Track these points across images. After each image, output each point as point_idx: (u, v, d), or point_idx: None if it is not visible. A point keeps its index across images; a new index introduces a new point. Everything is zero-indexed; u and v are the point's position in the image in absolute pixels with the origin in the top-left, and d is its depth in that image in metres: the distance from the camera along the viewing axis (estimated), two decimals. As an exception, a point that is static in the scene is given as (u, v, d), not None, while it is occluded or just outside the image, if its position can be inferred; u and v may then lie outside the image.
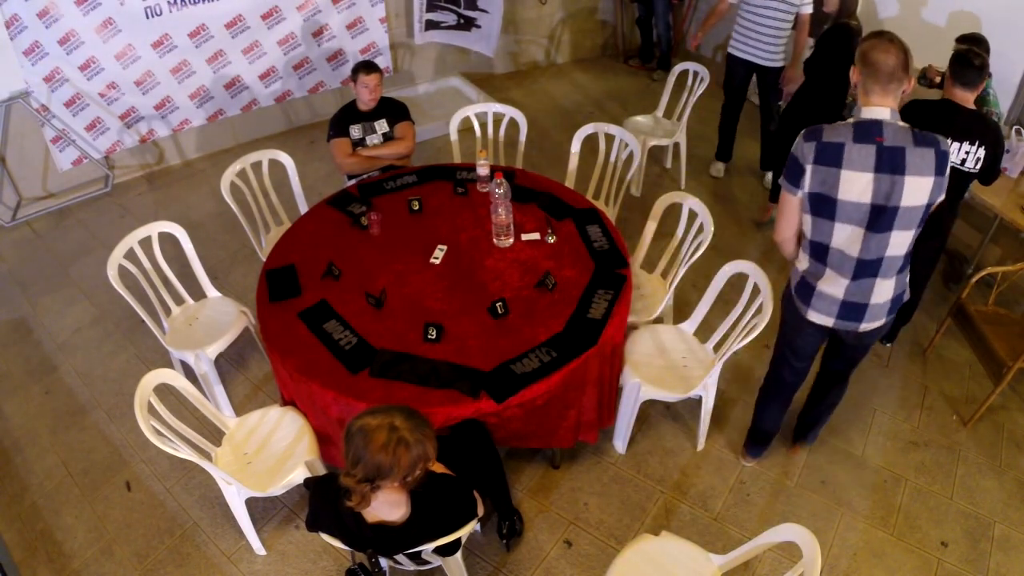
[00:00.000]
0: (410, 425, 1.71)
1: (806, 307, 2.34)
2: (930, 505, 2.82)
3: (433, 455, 1.76)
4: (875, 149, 2.01)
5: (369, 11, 5.00)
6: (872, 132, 2.02)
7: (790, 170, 2.14)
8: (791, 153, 2.14)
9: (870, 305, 2.25)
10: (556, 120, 5.49)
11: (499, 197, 2.82)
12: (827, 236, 2.16)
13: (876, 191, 2.03)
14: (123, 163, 4.80)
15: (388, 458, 1.68)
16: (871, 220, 2.07)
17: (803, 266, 2.31)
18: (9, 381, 3.40)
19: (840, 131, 2.05)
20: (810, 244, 2.23)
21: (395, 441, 1.68)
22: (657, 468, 2.93)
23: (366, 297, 2.64)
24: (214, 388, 3.04)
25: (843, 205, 2.07)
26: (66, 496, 2.87)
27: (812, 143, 2.06)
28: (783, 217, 2.24)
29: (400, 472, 1.71)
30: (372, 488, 1.74)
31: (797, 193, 2.14)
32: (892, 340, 3.53)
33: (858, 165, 2.02)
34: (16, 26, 3.89)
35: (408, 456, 1.69)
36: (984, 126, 2.77)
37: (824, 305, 2.29)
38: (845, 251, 2.16)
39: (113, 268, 2.79)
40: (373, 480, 1.72)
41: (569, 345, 2.43)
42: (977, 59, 2.72)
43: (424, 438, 1.72)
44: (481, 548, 2.63)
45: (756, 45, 4.11)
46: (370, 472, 1.70)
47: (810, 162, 2.07)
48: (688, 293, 3.68)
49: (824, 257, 2.20)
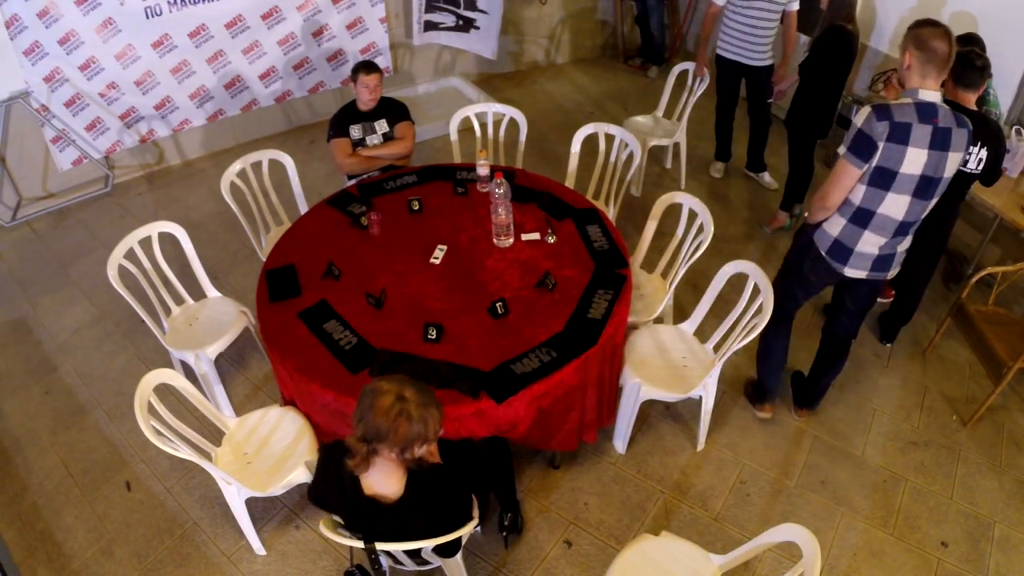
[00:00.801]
0: (418, 400, 1.73)
1: (843, 265, 2.57)
2: (930, 505, 2.82)
3: (434, 436, 1.76)
4: (931, 129, 2.23)
5: (369, 11, 5.01)
6: (930, 114, 2.24)
7: (859, 146, 2.29)
8: (859, 130, 2.27)
9: (897, 254, 2.55)
10: (556, 120, 5.49)
11: (499, 197, 2.82)
12: (877, 204, 2.38)
13: (927, 165, 2.27)
14: (123, 163, 4.80)
15: (387, 424, 1.69)
16: (918, 189, 2.32)
17: (835, 231, 2.52)
18: (9, 381, 3.40)
19: (906, 111, 2.23)
20: (856, 211, 2.43)
21: (398, 410, 1.69)
22: (657, 468, 2.93)
23: (366, 297, 2.64)
24: (214, 388, 3.04)
25: (901, 177, 2.29)
26: (66, 496, 2.87)
27: (886, 122, 2.23)
28: (839, 188, 2.40)
29: (396, 441, 1.71)
30: (370, 450, 1.76)
31: (863, 167, 2.32)
32: (892, 340, 3.53)
33: (920, 143, 2.24)
34: (16, 26, 3.89)
35: (407, 428, 1.70)
36: (986, 127, 2.78)
37: (861, 262, 2.54)
38: (890, 215, 2.39)
39: (113, 268, 2.79)
40: (371, 442, 1.73)
41: (569, 345, 2.43)
42: (979, 60, 2.73)
43: (428, 416, 1.73)
44: (481, 548, 2.63)
45: (742, 45, 4.10)
46: (369, 433, 1.72)
47: (883, 140, 2.24)
48: (688, 293, 3.68)
49: (867, 222, 2.43)
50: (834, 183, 2.40)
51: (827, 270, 2.62)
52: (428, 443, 1.77)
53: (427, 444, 1.77)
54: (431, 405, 1.75)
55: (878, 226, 2.42)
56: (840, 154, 2.37)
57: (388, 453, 1.76)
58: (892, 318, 3.50)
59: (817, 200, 2.50)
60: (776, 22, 3.99)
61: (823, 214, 2.52)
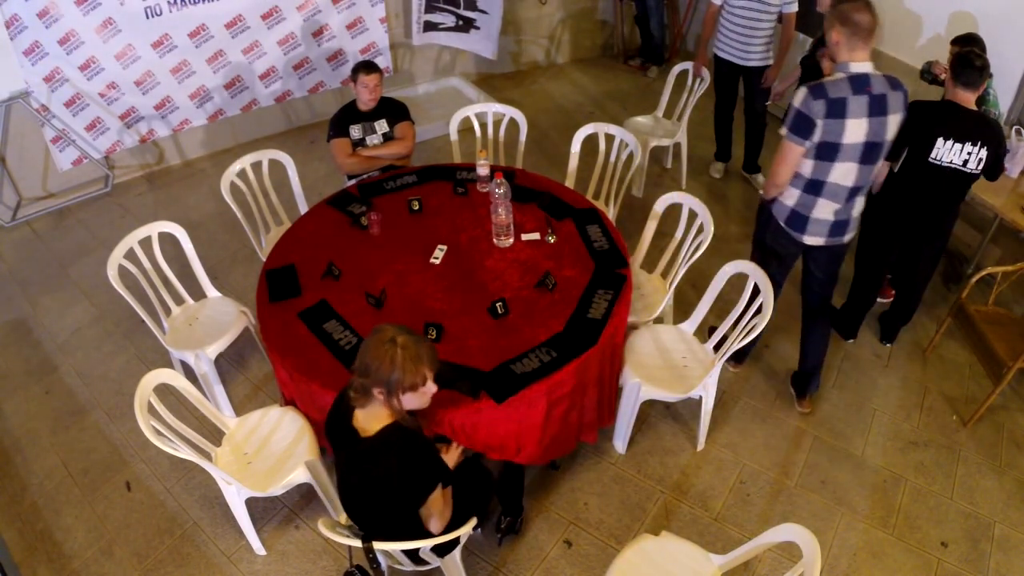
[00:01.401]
0: (409, 353, 1.79)
1: (801, 234, 2.70)
2: (930, 505, 2.82)
3: (412, 386, 1.81)
4: (867, 98, 2.35)
5: (369, 11, 5.00)
6: (863, 84, 2.35)
7: (799, 126, 2.41)
8: (797, 110, 2.39)
9: (851, 219, 2.68)
10: (556, 120, 5.49)
11: (499, 197, 2.82)
12: (826, 174, 2.50)
13: (869, 132, 2.39)
14: (123, 163, 4.80)
15: (374, 362, 1.78)
16: (864, 155, 2.45)
17: (791, 202, 2.65)
18: (9, 381, 3.40)
19: (840, 86, 2.35)
20: (808, 182, 2.55)
21: (384, 352, 1.78)
22: (657, 468, 2.93)
23: (366, 297, 2.64)
24: (214, 388, 3.04)
25: (845, 147, 2.41)
26: (66, 496, 2.87)
27: (822, 100, 2.34)
28: (787, 166, 2.52)
29: (378, 380, 1.78)
30: (362, 384, 1.82)
31: (805, 144, 2.44)
32: (892, 340, 3.53)
33: (857, 114, 2.36)
34: (16, 26, 3.89)
35: (388, 370, 1.77)
36: (986, 126, 2.79)
37: (818, 228, 2.67)
38: (840, 183, 2.52)
39: (113, 268, 2.79)
40: (363, 376, 1.81)
41: (569, 345, 2.43)
42: (978, 60, 2.74)
43: (412, 367, 1.79)
44: (481, 548, 2.63)
45: (735, 45, 4.09)
46: (360, 367, 1.82)
47: (821, 117, 2.35)
48: (688, 293, 3.68)
49: (819, 191, 2.56)
50: (781, 162, 2.53)
51: (788, 239, 2.75)
52: (407, 390, 1.81)
53: (410, 393, 1.82)
54: (420, 359, 1.80)
55: (831, 193, 2.55)
56: (783, 135, 2.49)
57: (376, 393, 1.82)
58: (892, 318, 3.50)
59: (769, 179, 2.64)
60: (771, 22, 3.98)
61: (776, 191, 2.65)
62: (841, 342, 3.54)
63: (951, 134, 2.76)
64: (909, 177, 2.93)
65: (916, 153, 2.85)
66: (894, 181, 3.00)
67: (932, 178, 2.87)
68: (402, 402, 1.83)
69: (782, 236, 2.75)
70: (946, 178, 2.86)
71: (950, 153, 2.79)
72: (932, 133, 2.78)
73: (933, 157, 2.82)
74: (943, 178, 2.86)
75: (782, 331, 3.55)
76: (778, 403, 3.21)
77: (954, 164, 2.81)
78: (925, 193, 2.95)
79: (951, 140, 2.77)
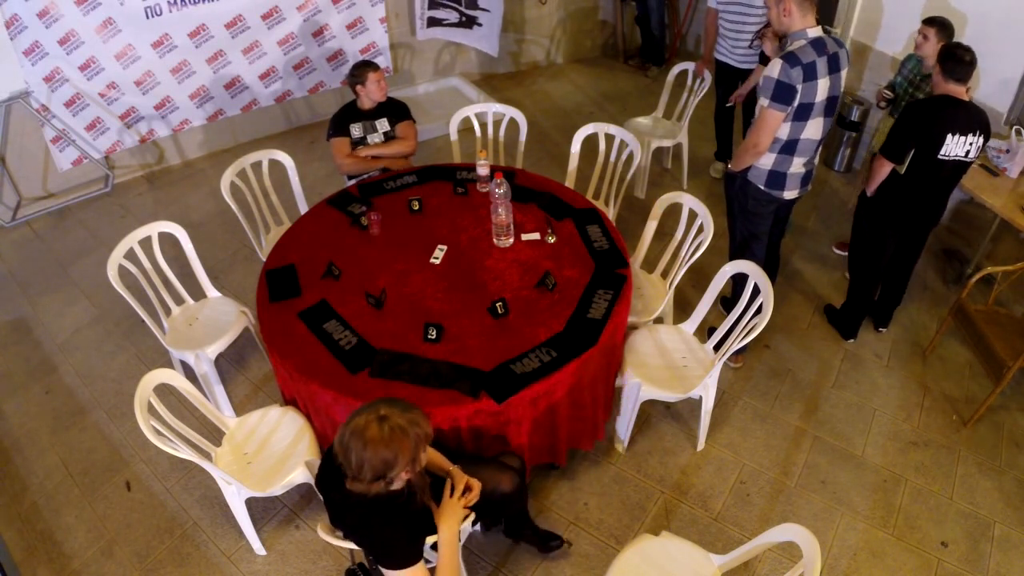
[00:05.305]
0: (397, 410, 1.70)
1: (782, 191, 2.97)
2: (930, 505, 2.82)
3: (431, 432, 1.74)
4: (826, 58, 2.66)
5: (369, 11, 5.00)
6: (821, 45, 2.65)
7: (781, 94, 2.65)
8: (778, 81, 2.62)
9: (814, 168, 3.02)
10: (556, 120, 5.49)
11: (499, 197, 2.82)
12: (800, 132, 2.78)
13: (831, 88, 2.72)
14: (123, 163, 4.80)
15: (390, 451, 1.66)
16: (827, 109, 2.77)
17: (768, 164, 2.90)
18: (9, 381, 3.40)
19: (807, 51, 2.62)
20: (784, 143, 2.81)
21: (388, 430, 1.66)
22: (657, 468, 2.93)
23: (366, 297, 2.64)
24: (214, 388, 3.04)
25: (816, 105, 2.71)
26: (66, 496, 2.87)
27: (799, 67, 2.60)
28: (768, 131, 2.76)
29: (406, 457, 1.68)
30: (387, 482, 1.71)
31: (787, 110, 2.69)
32: (886, 325, 3.58)
33: (823, 73, 2.66)
34: (16, 26, 3.89)
35: (407, 440, 1.67)
36: (979, 113, 2.85)
37: (794, 183, 2.95)
38: (811, 138, 2.82)
39: (113, 268, 2.79)
40: (385, 476, 1.68)
41: (569, 345, 2.43)
42: (967, 54, 2.79)
43: (417, 418, 1.71)
44: (481, 548, 2.63)
45: (732, 48, 4.10)
46: (378, 470, 1.67)
47: (800, 82, 2.62)
48: (688, 293, 3.68)
49: (794, 149, 2.83)
50: (763, 131, 2.75)
51: (768, 199, 3.00)
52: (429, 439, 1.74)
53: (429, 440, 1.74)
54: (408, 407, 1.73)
55: (803, 150, 2.84)
56: (764, 106, 2.70)
57: (402, 472, 1.72)
58: (884, 304, 3.52)
59: (749, 147, 2.84)
60: (758, 24, 3.97)
61: (753, 158, 2.88)
62: (841, 342, 3.54)
63: (958, 129, 2.80)
64: (916, 175, 2.95)
65: (925, 152, 2.87)
66: (900, 181, 3.01)
67: (938, 172, 2.91)
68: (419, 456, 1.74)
69: (763, 197, 3.00)
70: (948, 170, 2.92)
71: (956, 147, 2.83)
72: (942, 131, 2.80)
73: (943, 154, 2.84)
74: (946, 170, 2.92)
75: (782, 331, 3.55)
76: (778, 403, 3.21)
77: (958, 156, 2.84)
78: (931, 188, 2.99)
79: (958, 135, 2.80)
